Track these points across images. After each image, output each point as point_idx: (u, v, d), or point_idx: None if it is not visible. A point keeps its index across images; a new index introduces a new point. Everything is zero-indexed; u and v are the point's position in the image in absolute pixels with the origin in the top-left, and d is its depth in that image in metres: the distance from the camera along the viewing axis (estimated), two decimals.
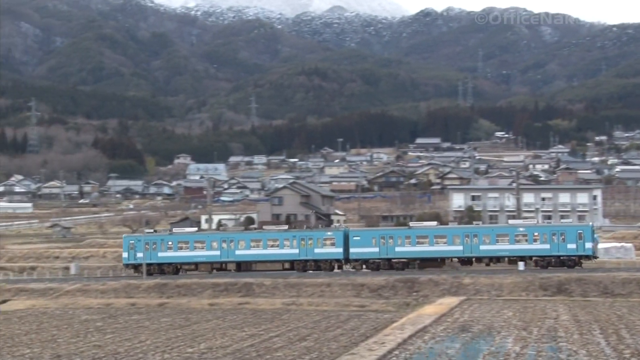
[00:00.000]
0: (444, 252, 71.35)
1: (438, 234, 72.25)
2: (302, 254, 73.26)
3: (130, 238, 77.61)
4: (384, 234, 73.29)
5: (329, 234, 74.30)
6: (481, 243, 70.45)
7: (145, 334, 42.90)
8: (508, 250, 70.04)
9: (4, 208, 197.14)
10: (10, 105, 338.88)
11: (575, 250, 68.76)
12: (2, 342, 40.57)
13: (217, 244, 74.62)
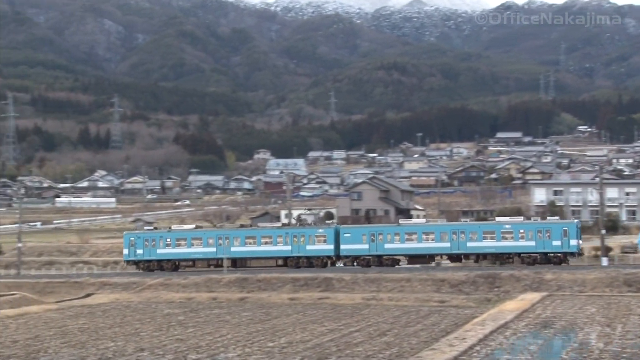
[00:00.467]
0: (432, 248, 71.99)
1: (426, 230, 72.90)
2: (295, 250, 74.06)
3: (131, 235, 79.17)
4: (374, 231, 73.93)
5: (321, 231, 74.84)
6: (468, 240, 70.95)
7: (226, 328, 43.20)
8: (494, 247, 70.53)
9: (88, 203, 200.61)
10: (93, 101, 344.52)
11: (560, 247, 69.03)
12: (87, 335, 41.21)
13: (214, 241, 75.82)
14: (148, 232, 79.95)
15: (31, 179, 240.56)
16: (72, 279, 71.65)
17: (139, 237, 78.27)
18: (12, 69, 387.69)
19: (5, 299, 59.65)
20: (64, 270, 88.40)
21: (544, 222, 72.68)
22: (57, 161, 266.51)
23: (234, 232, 77.33)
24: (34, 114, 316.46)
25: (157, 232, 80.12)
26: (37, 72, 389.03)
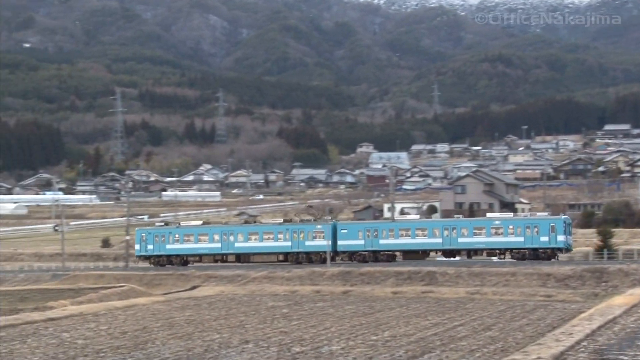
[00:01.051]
0: (425, 244, 73.48)
1: (419, 227, 74.66)
2: (294, 246, 75.77)
3: (142, 231, 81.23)
4: (370, 227, 75.72)
5: (319, 227, 76.42)
6: (459, 236, 72.22)
7: (329, 321, 43.33)
8: (484, 242, 71.83)
9: (193, 196, 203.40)
10: (199, 96, 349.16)
11: (548, 243, 69.84)
12: (193, 327, 41.79)
13: (219, 237, 77.78)
14: (158, 229, 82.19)
15: (138, 173, 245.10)
16: (179, 271, 72.74)
17: (149, 233, 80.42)
18: (120, 64, 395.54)
19: (114, 291, 60.90)
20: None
21: (532, 218, 74.24)
22: (163, 155, 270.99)
23: (238, 228, 79.74)
24: (141, 109, 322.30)
25: (166, 228, 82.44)
26: (144, 67, 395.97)
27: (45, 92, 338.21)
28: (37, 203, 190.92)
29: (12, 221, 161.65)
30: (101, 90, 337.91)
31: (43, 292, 62.56)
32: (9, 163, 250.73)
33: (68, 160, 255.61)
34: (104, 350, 34.09)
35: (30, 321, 44.40)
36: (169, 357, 32.05)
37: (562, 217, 73.29)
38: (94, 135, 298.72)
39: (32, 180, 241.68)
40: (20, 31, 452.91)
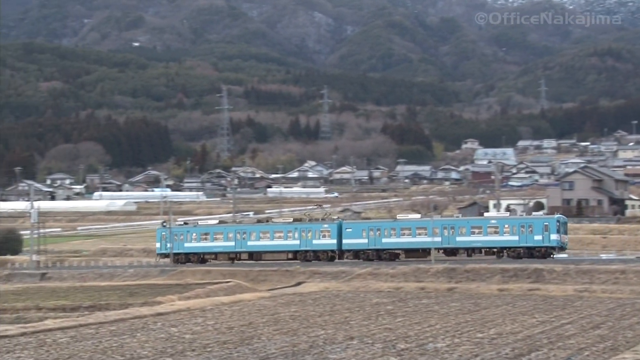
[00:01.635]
0: (425, 243, 74.62)
1: (420, 225, 76.64)
2: (303, 245, 78.16)
3: (162, 230, 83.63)
4: (373, 226, 78.07)
5: (325, 226, 78.73)
6: (457, 235, 74.02)
7: (434, 318, 43.10)
8: (481, 241, 73.65)
9: (298, 193, 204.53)
10: (303, 93, 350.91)
11: (542, 242, 71.20)
12: (298, 323, 42.00)
13: (233, 236, 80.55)
14: (177, 227, 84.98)
15: (244, 170, 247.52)
16: (284, 267, 73.23)
17: (169, 231, 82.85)
18: (226, 62, 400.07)
19: (221, 287, 61.61)
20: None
21: (526, 217, 77.25)
22: (268, 152, 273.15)
23: (251, 227, 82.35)
24: (246, 106, 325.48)
25: (185, 227, 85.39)
26: (250, 65, 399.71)
27: (153, 90, 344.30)
28: (145, 199, 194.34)
29: (122, 217, 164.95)
30: (207, 88, 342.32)
31: (152, 287, 63.66)
32: (118, 160, 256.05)
33: (175, 158, 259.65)
34: (210, 345, 34.50)
35: (139, 315, 45.22)
36: (274, 353, 32.27)
37: (556, 217, 74.64)
38: (200, 132, 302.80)
39: (140, 177, 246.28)
40: (130, 30, 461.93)
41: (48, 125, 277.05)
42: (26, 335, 37.83)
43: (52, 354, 32.42)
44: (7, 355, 32.39)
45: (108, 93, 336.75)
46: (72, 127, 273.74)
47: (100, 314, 46.66)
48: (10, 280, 78.38)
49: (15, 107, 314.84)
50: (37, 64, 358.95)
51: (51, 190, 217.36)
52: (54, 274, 79.45)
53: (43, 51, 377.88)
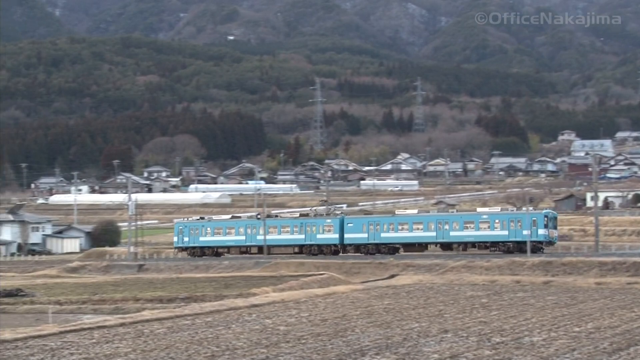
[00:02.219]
0: (421, 237, 77.50)
1: (416, 220, 78.77)
2: (308, 239, 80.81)
3: (180, 224, 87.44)
4: (372, 221, 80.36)
5: (328, 221, 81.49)
6: (451, 229, 76.04)
7: (530, 311, 42.58)
8: (473, 236, 75.40)
9: (391, 185, 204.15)
10: (397, 85, 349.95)
11: (530, 236, 71.91)
12: (392, 315, 41.93)
13: (244, 230, 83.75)
14: (193, 222, 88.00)
15: (337, 162, 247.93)
16: (377, 260, 73.17)
17: (186, 226, 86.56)
18: (320, 55, 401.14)
19: (314, 279, 61.82)
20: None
21: (516, 212, 77.53)
22: (361, 144, 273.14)
23: (260, 223, 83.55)
24: (340, 99, 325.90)
25: (200, 222, 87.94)
26: (343, 57, 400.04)
27: (248, 83, 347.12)
28: (240, 192, 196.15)
29: (217, 209, 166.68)
30: (301, 81, 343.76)
31: (246, 279, 64.19)
32: (213, 153, 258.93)
33: (269, 150, 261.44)
34: (305, 336, 34.64)
35: (234, 307, 45.63)
36: (368, 345, 32.25)
37: (544, 212, 76.35)
38: (294, 125, 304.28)
39: (235, 170, 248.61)
40: (225, 24, 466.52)
41: (145, 119, 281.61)
42: (124, 325, 38.50)
43: (150, 344, 32.92)
44: (106, 345, 33.01)
45: (203, 86, 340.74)
46: (169, 121, 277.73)
47: (196, 305, 47.23)
48: (109, 271, 79.90)
49: (114, 100, 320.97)
50: (135, 58, 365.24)
51: (148, 183, 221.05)
52: (151, 265, 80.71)
53: (140, 45, 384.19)
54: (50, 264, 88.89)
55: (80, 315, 47.93)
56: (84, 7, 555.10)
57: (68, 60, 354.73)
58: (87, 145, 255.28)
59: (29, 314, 50.22)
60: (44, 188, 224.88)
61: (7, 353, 31.11)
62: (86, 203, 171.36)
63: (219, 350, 31.40)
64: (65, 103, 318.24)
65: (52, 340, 33.96)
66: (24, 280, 72.80)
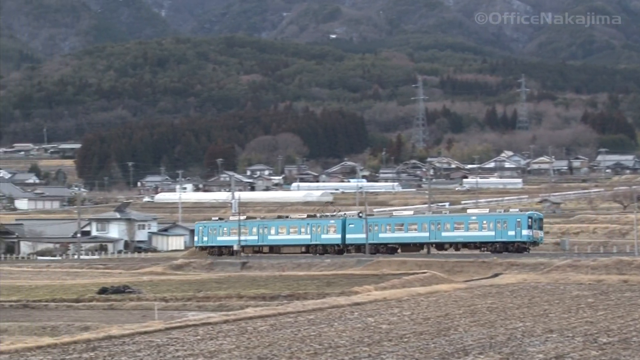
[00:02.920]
0: (415, 237, 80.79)
1: (411, 222, 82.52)
2: (313, 239, 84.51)
3: (200, 225, 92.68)
4: (371, 222, 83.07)
5: (332, 222, 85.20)
6: (443, 230, 79.12)
7: (638, 311, 41.69)
8: (463, 236, 78.57)
9: (494, 184, 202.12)
10: (500, 82, 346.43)
11: (514, 237, 75.91)
12: (495, 314, 41.52)
13: (256, 230, 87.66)
14: (212, 223, 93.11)
15: (439, 160, 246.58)
16: (480, 258, 72.59)
17: (205, 226, 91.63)
18: (422, 52, 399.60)
19: (417, 277, 61.58)
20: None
21: (502, 213, 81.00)
22: (464, 142, 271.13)
23: (271, 223, 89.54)
24: (442, 97, 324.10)
25: (218, 222, 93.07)
26: (446, 55, 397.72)
27: (349, 81, 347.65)
28: (341, 190, 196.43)
29: (319, 207, 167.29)
30: (403, 79, 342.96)
31: (348, 277, 64.26)
32: (315, 151, 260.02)
33: (371, 148, 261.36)
34: (407, 335, 34.51)
35: (336, 305, 45.70)
36: (471, 344, 31.98)
37: (528, 213, 79.65)
38: (395, 123, 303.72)
39: (337, 168, 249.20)
40: (327, 23, 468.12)
41: (248, 118, 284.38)
42: (228, 322, 38.87)
43: (253, 342, 33.19)
44: (210, 342, 33.40)
45: (306, 85, 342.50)
46: (271, 119, 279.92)
47: (298, 303, 47.43)
48: (213, 269, 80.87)
49: (217, 100, 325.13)
50: (238, 58, 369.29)
51: (251, 181, 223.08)
52: (254, 263, 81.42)
53: (243, 45, 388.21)
54: (156, 261, 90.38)
55: (185, 312, 48.60)
56: (188, 7, 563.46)
57: (173, 60, 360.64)
58: (191, 144, 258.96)
59: (135, 310, 51.12)
60: (150, 186, 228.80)
61: (114, 349, 31.72)
62: (190, 201, 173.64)
63: (321, 348, 31.48)
64: (170, 102, 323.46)
65: (158, 337, 34.49)
66: (131, 277, 74.17)
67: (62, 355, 30.21)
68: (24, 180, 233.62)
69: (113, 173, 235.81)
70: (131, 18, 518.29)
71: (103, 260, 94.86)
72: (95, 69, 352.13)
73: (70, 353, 30.71)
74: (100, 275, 77.48)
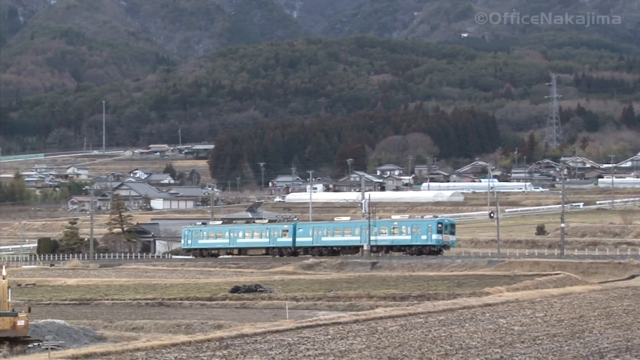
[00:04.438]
0: (350, 241, 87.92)
1: (347, 226, 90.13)
2: (271, 242, 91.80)
3: (185, 229, 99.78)
4: (316, 227, 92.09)
5: (285, 226, 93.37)
6: (371, 234, 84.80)
7: None
8: (388, 240, 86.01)
9: (631, 183, 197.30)
10: (638, 79, 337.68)
11: (426, 240, 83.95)
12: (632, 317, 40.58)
13: (228, 234, 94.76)
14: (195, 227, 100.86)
15: (573, 160, 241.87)
16: (616, 260, 70.93)
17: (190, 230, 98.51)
18: (556, 50, 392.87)
19: (550, 279, 60.63)
20: (607, 251, 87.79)
21: (417, 219, 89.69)
22: (599, 141, 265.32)
23: (239, 227, 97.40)
24: (577, 95, 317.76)
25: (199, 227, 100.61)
26: (581, 52, 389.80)
27: (481, 80, 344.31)
28: (472, 190, 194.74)
29: (449, 208, 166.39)
30: (536, 77, 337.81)
31: (479, 278, 63.71)
32: (446, 151, 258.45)
33: (503, 148, 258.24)
34: (540, 337, 34.02)
35: (467, 306, 45.35)
36: (606, 347, 31.32)
37: (438, 219, 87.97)
38: (528, 122, 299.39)
39: (468, 168, 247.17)
40: (459, 21, 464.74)
41: (378, 118, 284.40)
42: (358, 322, 38.97)
43: (383, 342, 33.20)
44: (340, 341, 33.54)
45: (436, 84, 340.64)
46: (401, 119, 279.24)
47: (429, 303, 47.25)
48: (343, 268, 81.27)
49: (348, 100, 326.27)
50: (369, 58, 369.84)
51: (381, 181, 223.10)
52: (384, 263, 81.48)
53: (374, 45, 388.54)
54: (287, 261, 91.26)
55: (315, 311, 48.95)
56: (319, 8, 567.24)
57: (304, 61, 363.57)
58: (321, 144, 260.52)
59: (267, 309, 51.77)
60: (281, 186, 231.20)
61: (247, 347, 32.15)
62: (320, 201, 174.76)
63: (452, 349, 31.30)
64: (301, 103, 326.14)
65: (289, 336, 34.81)
66: (263, 276, 75.11)
67: (196, 353, 30.79)
68: (160, 180, 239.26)
69: (245, 173, 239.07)
70: (263, 20, 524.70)
71: (235, 260, 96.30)
72: (228, 70, 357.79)
73: (204, 351, 31.27)
74: (232, 274, 78.71)
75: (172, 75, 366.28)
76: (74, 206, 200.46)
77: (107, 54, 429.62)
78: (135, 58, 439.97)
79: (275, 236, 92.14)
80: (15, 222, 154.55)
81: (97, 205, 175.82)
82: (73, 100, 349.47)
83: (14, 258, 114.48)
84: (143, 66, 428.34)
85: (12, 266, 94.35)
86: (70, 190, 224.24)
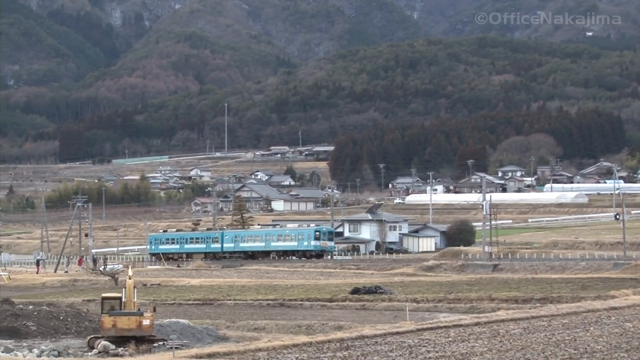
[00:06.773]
0: (257, 247, 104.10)
1: (255, 235, 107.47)
2: (207, 248, 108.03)
3: (151, 237, 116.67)
4: (236, 234, 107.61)
5: (215, 234, 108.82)
6: (272, 241, 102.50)
7: None
8: (281, 246, 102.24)
9: None
10: None
11: (307, 246, 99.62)
12: None
13: (177, 241, 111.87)
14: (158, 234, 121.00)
15: None
16: None
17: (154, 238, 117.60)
18: None
19: None
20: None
21: (301, 228, 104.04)
22: None
23: (186, 235, 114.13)
24: None
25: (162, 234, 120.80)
26: None
27: (606, 79, 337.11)
28: (597, 191, 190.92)
29: (573, 209, 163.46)
30: None
31: (604, 281, 62.41)
32: (569, 152, 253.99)
33: (629, 148, 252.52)
34: None
35: (592, 309, 44.45)
36: None
37: (315, 228, 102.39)
38: None
39: (592, 169, 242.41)
40: (583, 20, 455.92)
41: (499, 118, 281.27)
42: (480, 325, 38.56)
43: (505, 345, 32.79)
44: (462, 344, 33.25)
45: (560, 84, 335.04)
46: (523, 120, 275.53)
47: (552, 306, 46.48)
48: (464, 270, 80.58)
49: (468, 101, 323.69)
50: (490, 58, 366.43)
51: (502, 183, 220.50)
52: (506, 265, 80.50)
53: (495, 45, 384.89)
54: (407, 262, 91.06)
55: (436, 313, 48.62)
56: (440, 8, 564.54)
57: (424, 61, 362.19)
58: (442, 146, 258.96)
59: (387, 310, 51.64)
60: (401, 188, 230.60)
61: (367, 349, 32.15)
62: (441, 203, 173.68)
63: (576, 353, 30.73)
64: (421, 104, 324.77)
65: (410, 338, 34.67)
66: (382, 277, 75.02)
67: (317, 354, 30.92)
68: (280, 182, 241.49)
69: (365, 175, 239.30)
70: (383, 21, 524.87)
71: (355, 261, 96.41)
72: (348, 72, 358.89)
73: (325, 352, 31.38)
74: (352, 276, 78.79)
75: (293, 78, 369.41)
76: (197, 207, 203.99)
77: (229, 57, 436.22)
78: (257, 61, 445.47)
79: (210, 242, 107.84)
80: (140, 223, 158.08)
81: (220, 206, 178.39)
82: (196, 103, 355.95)
83: (139, 258, 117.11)
84: (264, 69, 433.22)
85: (138, 267, 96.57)
86: (193, 191, 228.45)
